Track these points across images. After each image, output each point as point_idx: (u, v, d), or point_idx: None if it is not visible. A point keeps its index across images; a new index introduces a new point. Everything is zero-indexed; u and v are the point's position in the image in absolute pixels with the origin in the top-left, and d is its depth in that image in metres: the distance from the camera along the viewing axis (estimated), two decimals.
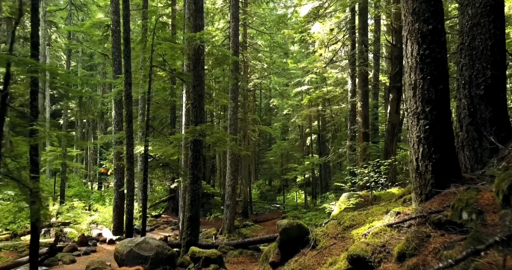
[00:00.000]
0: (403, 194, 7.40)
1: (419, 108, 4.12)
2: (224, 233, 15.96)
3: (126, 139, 9.94)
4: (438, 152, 3.99)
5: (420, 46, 4.11)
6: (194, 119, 8.63)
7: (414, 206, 4.18)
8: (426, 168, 4.04)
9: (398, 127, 14.30)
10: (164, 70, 11.66)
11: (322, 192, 26.99)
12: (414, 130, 4.16)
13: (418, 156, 4.13)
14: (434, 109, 4.03)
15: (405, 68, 4.37)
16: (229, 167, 16.10)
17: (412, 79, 4.21)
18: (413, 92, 4.19)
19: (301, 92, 26.00)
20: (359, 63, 13.94)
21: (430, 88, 4.06)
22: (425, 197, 4.05)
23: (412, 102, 4.21)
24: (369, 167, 10.33)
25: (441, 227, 3.31)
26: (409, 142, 4.31)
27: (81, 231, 14.40)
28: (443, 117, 4.05)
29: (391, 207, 5.15)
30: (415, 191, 4.22)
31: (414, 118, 4.17)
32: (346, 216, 5.47)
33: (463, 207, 3.19)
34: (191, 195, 8.49)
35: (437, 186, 3.96)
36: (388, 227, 3.81)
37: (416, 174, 4.17)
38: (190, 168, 8.59)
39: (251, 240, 10.05)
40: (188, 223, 8.41)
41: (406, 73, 4.33)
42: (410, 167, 4.34)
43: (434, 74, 4.06)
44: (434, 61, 4.07)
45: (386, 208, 5.16)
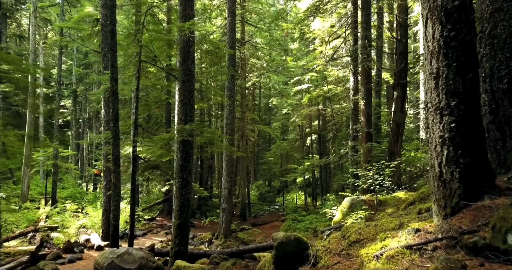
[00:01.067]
0: (413, 200, 6.67)
1: (442, 102, 3.38)
2: (220, 238, 15.23)
3: (112, 139, 9.21)
4: (467, 156, 3.25)
5: (444, 27, 3.37)
6: (183, 117, 7.90)
7: (436, 222, 3.43)
8: (452, 175, 3.30)
9: (403, 126, 13.56)
10: (154, 65, 10.93)
11: (322, 194, 26.26)
12: (437, 129, 3.42)
13: (441, 160, 3.38)
14: (462, 103, 3.29)
15: (425, 54, 3.64)
16: (225, 168, 15.37)
17: (433, 67, 3.47)
18: (435, 83, 3.45)
19: (301, 91, 25.27)
20: (361, 59, 13.20)
21: (457, 77, 3.32)
22: (451, 210, 3.30)
23: (433, 94, 3.47)
24: (373, 169, 9.60)
25: (478, 253, 2.58)
26: (430, 143, 3.57)
27: (69, 236, 13.67)
28: (472, 112, 3.31)
29: (404, 219, 4.41)
30: (437, 203, 3.48)
31: (436, 114, 3.43)
32: (351, 229, 4.73)
33: (508, 229, 2.45)
34: (180, 200, 7.76)
35: (466, 198, 3.22)
36: (407, 249, 3.07)
37: (439, 182, 3.43)
38: (179, 171, 7.85)
39: (246, 248, 9.32)
40: (176, 232, 7.68)
41: (426, 61, 3.59)
42: (431, 173, 3.60)
43: (461, 60, 3.32)
44: (461, 45, 3.33)
45: (399, 220, 4.41)
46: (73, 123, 32.81)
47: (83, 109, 36.02)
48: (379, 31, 17.63)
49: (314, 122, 28.23)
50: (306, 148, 30.07)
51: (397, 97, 13.23)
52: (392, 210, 8.35)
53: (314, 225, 16.35)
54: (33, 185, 27.23)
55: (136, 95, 10.48)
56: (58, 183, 28.01)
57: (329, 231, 8.40)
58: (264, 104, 40.42)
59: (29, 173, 19.99)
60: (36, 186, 27.06)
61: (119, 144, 9.33)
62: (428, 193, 6.51)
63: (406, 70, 13.25)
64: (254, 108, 31.50)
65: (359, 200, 9.60)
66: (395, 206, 8.58)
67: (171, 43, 8.43)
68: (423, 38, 3.66)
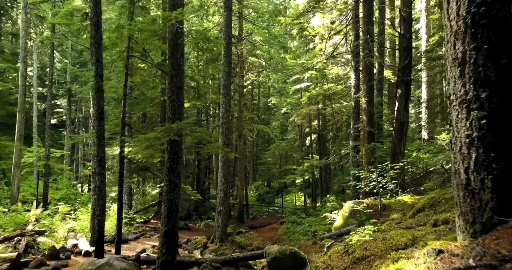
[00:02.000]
0: (422, 206, 6.05)
1: (470, 93, 2.74)
2: (216, 242, 14.61)
3: (97, 139, 8.58)
4: (501, 160, 2.62)
5: (472, 1, 2.74)
6: (171, 115, 7.27)
7: (462, 240, 2.80)
8: (483, 183, 2.67)
9: (407, 125, 12.94)
10: (144, 61, 10.30)
11: (322, 195, 25.62)
12: (462, 127, 2.79)
13: (468, 165, 2.75)
14: (494, 95, 2.66)
15: (446, 36, 3.00)
16: (221, 169, 14.74)
17: (458, 51, 2.84)
18: (459, 70, 2.82)
19: (300, 90, 24.65)
20: (363, 55, 12.58)
21: (487, 63, 2.69)
22: (481, 227, 2.67)
23: (458, 84, 2.84)
24: (376, 171, 8.98)
25: None
26: (453, 144, 2.94)
27: (56, 241, 13.04)
28: (507, 106, 2.67)
29: (418, 233, 3.78)
30: (463, 218, 2.84)
31: (461, 109, 2.80)
32: (356, 242, 4.10)
33: None
34: (168, 206, 7.13)
35: (501, 212, 2.59)
36: None
37: (465, 192, 2.80)
38: (166, 173, 7.22)
39: (241, 256, 8.68)
40: (163, 240, 7.05)
41: (448, 44, 2.96)
42: (454, 181, 2.96)
43: (493, 42, 2.69)
44: (493, 23, 2.70)
45: (412, 234, 3.78)
46: (68, 123, 32.18)
47: (78, 109, 35.38)
48: (380, 27, 17.01)
49: (313, 121, 27.60)
50: (305, 148, 29.45)
51: (400, 95, 12.60)
52: (397, 215, 7.73)
53: (314, 228, 15.71)
54: (27, 186, 26.62)
55: (124, 92, 9.87)
56: (52, 184, 27.43)
57: (329, 239, 7.78)
58: (263, 103, 39.79)
59: (19, 174, 19.34)
60: (30, 187, 26.44)
61: (105, 144, 8.70)
62: (439, 199, 5.89)
63: (410, 66, 12.63)
64: (252, 107, 30.88)
65: (362, 205, 8.98)
66: (401, 212, 7.96)
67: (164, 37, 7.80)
68: (444, 17, 3.03)
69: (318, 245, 7.54)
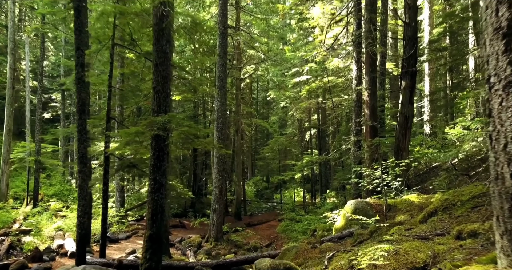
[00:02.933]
0: (435, 209, 5.39)
1: None
2: (210, 241, 14.01)
3: (78, 134, 7.92)
4: None
5: None
6: (156, 107, 6.59)
7: (508, 268, 2.14)
8: None
9: (412, 119, 12.26)
10: (131, 50, 9.60)
11: (322, 190, 25.00)
12: (509, 118, 2.12)
13: None
14: None
15: (484, 1, 2.31)
16: (216, 166, 14.11)
17: (502, 18, 2.16)
18: (504, 44, 2.14)
19: (300, 83, 23.91)
20: (366, 44, 11.87)
21: None
22: None
23: (501, 62, 2.16)
24: (380, 168, 8.32)
25: None
26: (494, 140, 2.27)
27: (43, 240, 12.42)
28: None
29: (439, 247, 3.12)
30: (509, 238, 2.18)
31: (507, 94, 2.13)
32: (362, 257, 3.45)
33: None
34: (152, 207, 6.48)
35: None
36: None
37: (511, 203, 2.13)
38: (151, 172, 6.57)
39: (234, 260, 8.05)
40: (147, 244, 6.41)
41: (487, 10, 2.28)
42: (495, 188, 2.29)
43: None
44: None
45: (431, 248, 3.13)
46: (62, 117, 31.46)
47: (73, 103, 34.64)
48: (383, 16, 16.23)
49: (313, 116, 26.93)
50: (305, 143, 28.81)
51: (405, 87, 11.91)
52: (404, 217, 7.08)
53: (313, 226, 15.09)
54: (20, 182, 25.99)
55: (109, 84, 9.18)
56: (45, 179, 26.78)
57: (330, 242, 7.14)
58: (262, 97, 39.10)
59: (8, 170, 18.69)
60: (23, 183, 25.81)
61: (87, 140, 8.04)
62: (453, 201, 5.24)
63: (416, 57, 11.91)
64: (251, 101, 30.17)
65: (364, 204, 8.34)
66: (408, 213, 7.31)
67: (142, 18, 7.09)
68: None
69: (317, 250, 6.90)
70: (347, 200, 18.08)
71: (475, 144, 7.37)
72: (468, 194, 5.11)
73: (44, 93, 35.59)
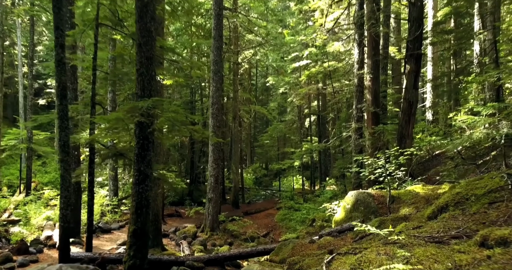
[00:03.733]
0: (445, 204, 4.88)
1: None
2: (206, 231, 13.61)
3: (58, 120, 7.35)
4: None
5: None
6: (140, 92, 6.01)
7: None
8: None
9: (416, 105, 11.67)
10: (117, 30, 8.96)
11: (321, 178, 24.59)
12: None
13: None
14: None
15: None
16: (211, 154, 13.59)
17: None
18: None
19: (299, 68, 23.22)
20: (369, 25, 11.19)
21: None
22: None
23: None
24: (383, 157, 7.80)
25: None
26: None
27: (31, 231, 11.99)
28: None
29: (461, 258, 2.60)
30: None
31: None
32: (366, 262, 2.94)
33: None
34: (136, 200, 5.97)
35: None
36: None
37: None
38: (135, 162, 6.04)
39: (227, 254, 7.59)
40: (131, 240, 5.92)
41: None
42: None
43: None
44: None
45: (450, 258, 2.61)
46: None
47: None
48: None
49: (313, 102, 26.30)
50: (304, 130, 28.26)
51: (409, 71, 11.28)
52: (409, 210, 6.57)
53: (312, 215, 14.69)
54: (14, 169, 25.54)
55: (93, 67, 8.57)
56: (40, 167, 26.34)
57: (329, 236, 6.66)
58: (261, 84, 38.38)
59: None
60: (17, 171, 25.38)
61: (68, 127, 7.47)
62: (466, 195, 4.71)
63: (421, 39, 11.25)
64: (250, 87, 29.50)
65: (366, 195, 7.83)
66: (413, 206, 6.80)
67: None
68: None
69: (315, 245, 6.42)
70: (347, 188, 17.66)
71: (486, 131, 6.84)
72: (483, 187, 4.59)
73: (38, 79, 34.93)
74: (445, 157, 13.81)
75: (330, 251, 5.71)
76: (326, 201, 16.59)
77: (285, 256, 6.31)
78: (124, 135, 6.79)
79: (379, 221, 6.16)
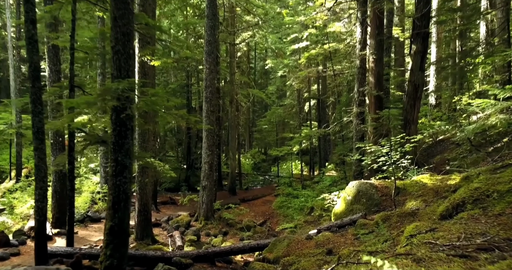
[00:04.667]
0: (462, 201, 4.25)
1: None
2: (200, 220, 13.09)
3: (31, 105, 6.67)
4: None
5: None
6: (116, 72, 5.31)
7: None
8: None
9: (422, 88, 10.95)
10: (97, 5, 8.17)
11: (321, 164, 24.02)
12: None
13: None
14: None
15: None
16: (205, 140, 12.95)
17: None
18: None
19: (299, 50, 22.34)
20: (373, 1, 10.35)
21: None
22: None
23: None
24: (387, 144, 7.15)
25: None
26: None
27: (16, 221, 11.46)
28: None
29: None
30: None
31: None
32: None
33: None
34: (113, 194, 5.35)
35: None
36: None
37: None
38: (111, 151, 5.39)
39: (217, 250, 7.02)
40: (108, 239, 5.33)
41: None
42: None
43: None
44: None
45: None
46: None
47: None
48: None
49: (313, 86, 25.49)
50: (304, 114, 27.52)
51: (415, 52, 10.51)
52: (416, 204, 5.97)
53: (310, 203, 14.16)
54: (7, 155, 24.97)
55: (71, 46, 7.83)
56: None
57: (328, 231, 6.06)
58: (260, 67, 37.43)
59: None
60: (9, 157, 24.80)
61: (42, 112, 6.79)
62: (487, 191, 4.08)
63: (429, 16, 10.44)
64: (248, 71, 28.64)
65: (368, 186, 7.22)
66: (421, 198, 6.19)
67: None
68: None
69: (313, 242, 5.84)
70: (347, 175, 17.07)
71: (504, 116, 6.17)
72: (507, 182, 3.95)
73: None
74: (450, 143, 13.16)
75: (329, 250, 5.12)
76: (325, 189, 16.05)
77: (279, 254, 5.74)
78: (96, 120, 6.11)
79: (383, 216, 5.56)
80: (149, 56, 9.02)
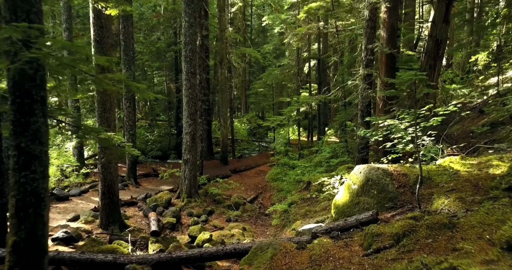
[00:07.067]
0: None
1: None
2: (182, 197, 11.61)
3: None
4: None
5: None
6: (9, 15, 3.46)
7: None
8: None
9: (445, 45, 9.01)
10: None
11: (320, 130, 22.32)
12: None
13: None
14: None
15: None
16: (185, 107, 11.15)
17: None
18: None
19: (297, 4, 19.93)
20: None
21: None
22: None
23: None
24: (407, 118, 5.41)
25: None
26: None
27: None
28: None
29: None
30: None
31: None
32: None
33: None
34: (17, 195, 3.70)
35: None
36: None
37: None
38: (11, 134, 3.66)
39: (183, 255, 5.46)
40: (12, 259, 3.72)
41: None
42: None
43: None
44: None
45: None
46: None
47: None
48: None
49: (313, 45, 23.21)
50: (303, 76, 25.40)
51: None
52: (449, 203, 4.30)
53: (307, 176, 12.66)
54: None
55: None
56: None
57: (325, 236, 4.47)
58: (257, 25, 34.71)
59: None
60: None
61: None
62: None
63: None
64: (244, 28, 26.14)
65: (380, 173, 5.53)
66: (454, 194, 4.51)
67: None
68: None
69: (306, 255, 4.27)
70: (348, 145, 15.43)
71: None
72: None
73: None
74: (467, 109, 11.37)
75: None
76: (324, 161, 14.49)
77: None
78: None
79: (406, 226, 3.91)
80: (102, 2, 7.02)
